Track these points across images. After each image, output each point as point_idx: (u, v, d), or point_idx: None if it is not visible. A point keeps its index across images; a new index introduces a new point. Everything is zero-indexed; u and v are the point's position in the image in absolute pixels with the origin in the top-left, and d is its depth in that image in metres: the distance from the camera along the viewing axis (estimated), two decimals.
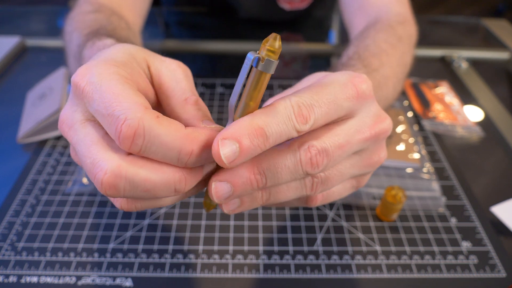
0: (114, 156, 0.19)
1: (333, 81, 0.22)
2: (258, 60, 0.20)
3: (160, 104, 0.26)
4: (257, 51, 0.20)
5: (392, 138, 0.48)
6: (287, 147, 0.21)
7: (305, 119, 0.20)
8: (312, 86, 0.22)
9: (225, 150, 0.19)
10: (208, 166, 0.23)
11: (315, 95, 0.21)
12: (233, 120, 0.21)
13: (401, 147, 0.47)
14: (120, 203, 0.22)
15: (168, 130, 0.19)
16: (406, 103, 0.57)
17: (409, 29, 0.48)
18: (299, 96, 0.21)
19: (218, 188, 0.21)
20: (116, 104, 0.19)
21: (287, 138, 0.21)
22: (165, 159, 0.19)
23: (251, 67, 0.20)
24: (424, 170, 0.45)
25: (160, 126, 0.19)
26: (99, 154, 0.19)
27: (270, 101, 0.26)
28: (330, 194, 0.25)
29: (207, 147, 0.20)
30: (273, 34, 0.19)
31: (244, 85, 0.21)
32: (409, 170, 0.45)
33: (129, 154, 0.20)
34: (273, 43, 0.19)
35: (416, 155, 0.46)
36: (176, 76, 0.25)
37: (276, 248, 0.37)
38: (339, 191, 0.26)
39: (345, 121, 0.23)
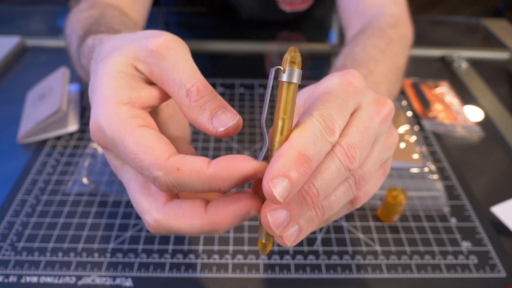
0: (152, 209, 0.22)
1: (330, 86, 0.23)
2: (279, 72, 0.21)
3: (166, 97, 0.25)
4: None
5: None
6: None
7: (332, 130, 0.21)
8: (317, 98, 0.23)
9: (277, 189, 0.19)
10: (238, 206, 0.22)
11: (327, 104, 0.22)
12: (270, 139, 0.22)
13: (402, 147, 0.47)
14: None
15: (191, 177, 0.20)
16: (404, 103, 0.57)
17: (402, 30, 0.48)
18: (317, 110, 0.21)
19: (274, 217, 0.20)
20: (140, 159, 0.20)
21: (325, 153, 0.21)
22: (201, 191, 0.21)
23: (278, 81, 0.21)
24: (426, 170, 0.45)
25: (183, 177, 0.20)
26: (141, 201, 0.22)
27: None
28: (369, 190, 0.26)
29: (233, 178, 0.21)
30: (291, 47, 0.21)
31: (269, 100, 0.21)
32: (411, 170, 0.45)
33: (167, 201, 0.22)
34: (292, 53, 0.21)
35: (418, 155, 0.46)
36: (166, 66, 0.22)
37: (276, 248, 0.37)
38: (375, 183, 0.27)
39: (355, 115, 0.23)
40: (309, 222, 0.22)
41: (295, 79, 0.21)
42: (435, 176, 0.45)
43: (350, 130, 0.23)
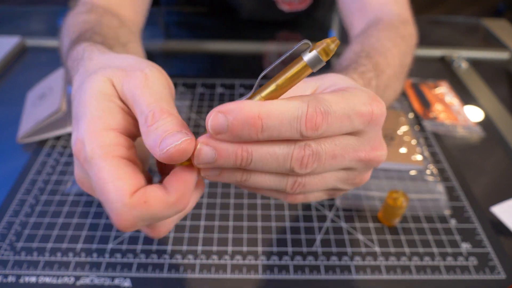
0: (124, 191, 0.21)
1: (355, 95, 0.22)
2: (306, 49, 0.20)
3: None
4: (313, 45, 0.20)
5: (394, 140, 0.48)
6: None
7: (316, 126, 0.20)
8: (335, 92, 0.21)
9: (213, 121, 0.20)
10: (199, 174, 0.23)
11: (336, 104, 0.20)
12: (252, 94, 0.21)
13: (403, 149, 0.47)
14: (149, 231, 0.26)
15: (157, 208, 0.21)
16: (405, 103, 0.56)
17: (410, 29, 0.48)
18: (320, 98, 0.20)
19: (202, 151, 0.21)
20: (105, 192, 0.21)
21: (287, 138, 0.20)
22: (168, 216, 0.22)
23: (300, 57, 0.20)
24: (428, 172, 0.45)
25: (150, 209, 0.21)
26: (108, 192, 0.22)
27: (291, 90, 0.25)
28: (308, 196, 0.26)
29: (191, 191, 0.22)
30: (333, 38, 0.20)
31: (281, 64, 0.21)
32: (411, 172, 0.45)
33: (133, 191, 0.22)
34: (330, 44, 0.20)
35: (419, 157, 0.46)
36: (136, 98, 0.23)
37: (275, 249, 0.37)
38: (315, 196, 0.26)
39: (347, 135, 0.22)
40: (230, 176, 0.23)
41: (314, 67, 0.20)
42: (436, 178, 0.45)
43: (327, 144, 0.21)
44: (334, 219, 0.40)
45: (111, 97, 0.23)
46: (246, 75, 0.62)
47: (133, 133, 0.24)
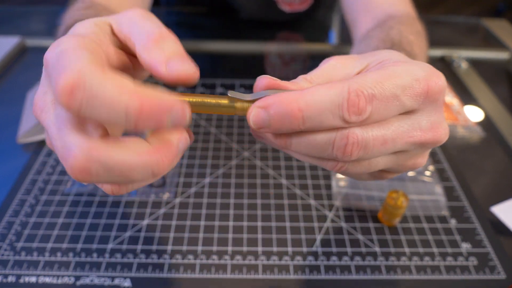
0: (85, 139, 0.18)
1: (406, 71, 0.20)
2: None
3: (139, 68, 0.24)
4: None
5: None
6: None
7: (360, 111, 0.18)
8: (381, 71, 0.20)
9: (255, 117, 0.19)
10: (182, 142, 0.20)
11: (380, 84, 0.19)
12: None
13: None
14: (110, 188, 0.21)
15: (113, 82, 0.17)
16: None
17: (421, 26, 0.48)
18: (362, 81, 0.19)
19: (257, 115, 0.20)
20: (62, 63, 0.17)
21: (331, 127, 0.19)
22: (111, 119, 0.17)
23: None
24: (427, 173, 0.45)
25: (104, 78, 0.17)
26: (69, 137, 0.18)
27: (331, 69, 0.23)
28: (352, 175, 0.24)
29: (159, 107, 0.17)
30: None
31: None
32: (411, 173, 0.45)
33: (104, 136, 0.19)
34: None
35: None
36: (137, 22, 0.21)
37: (275, 249, 0.37)
38: (360, 176, 0.25)
39: (399, 116, 0.20)
40: (285, 133, 0.21)
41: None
42: (436, 179, 0.45)
43: (376, 128, 0.19)
44: (334, 219, 0.40)
45: (99, 29, 0.21)
46: (246, 75, 0.62)
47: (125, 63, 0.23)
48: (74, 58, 0.17)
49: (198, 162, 0.46)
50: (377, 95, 0.19)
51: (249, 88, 0.59)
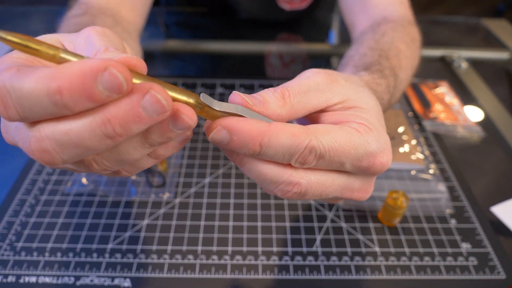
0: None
1: (363, 144, 0.22)
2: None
3: None
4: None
5: (394, 140, 0.48)
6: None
7: (305, 162, 0.21)
8: (342, 136, 0.22)
9: (216, 135, 0.20)
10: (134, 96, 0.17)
11: (334, 151, 0.21)
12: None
13: (403, 149, 0.47)
14: (97, 168, 0.20)
15: (29, 75, 0.16)
16: (405, 104, 0.56)
17: (416, 31, 0.48)
18: (322, 139, 0.21)
19: (219, 133, 0.20)
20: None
21: (278, 162, 0.21)
22: (44, 111, 0.16)
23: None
24: (431, 171, 0.45)
25: (19, 76, 0.16)
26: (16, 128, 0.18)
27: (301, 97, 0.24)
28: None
29: (79, 77, 0.15)
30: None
31: None
32: (411, 172, 0.45)
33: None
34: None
35: (420, 156, 0.46)
36: (91, 41, 0.21)
37: (275, 249, 0.37)
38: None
39: (337, 172, 0.23)
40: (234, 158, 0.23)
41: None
42: (437, 178, 0.45)
43: (315, 181, 0.22)
44: (334, 219, 0.40)
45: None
46: (246, 75, 0.62)
47: None
48: None
49: (198, 162, 0.46)
50: (326, 158, 0.21)
51: (249, 88, 0.59)
